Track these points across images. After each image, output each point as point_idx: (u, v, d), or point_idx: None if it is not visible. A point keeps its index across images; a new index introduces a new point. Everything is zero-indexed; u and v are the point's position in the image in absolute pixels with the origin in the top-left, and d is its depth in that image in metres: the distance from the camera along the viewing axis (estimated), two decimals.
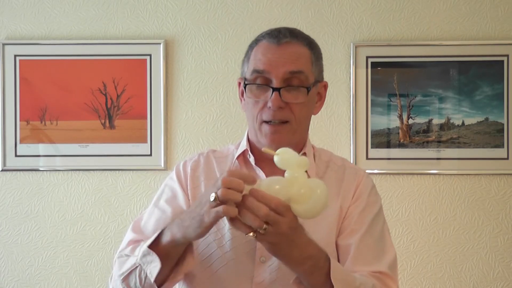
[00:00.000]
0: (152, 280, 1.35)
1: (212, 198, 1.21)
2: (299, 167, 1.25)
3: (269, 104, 1.45)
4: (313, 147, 1.60)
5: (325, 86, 1.58)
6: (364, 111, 2.74)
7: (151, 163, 2.77)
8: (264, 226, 1.20)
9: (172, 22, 2.80)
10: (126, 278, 1.42)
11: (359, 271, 1.44)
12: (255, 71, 1.48)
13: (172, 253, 1.35)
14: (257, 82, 1.47)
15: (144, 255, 1.35)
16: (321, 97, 1.57)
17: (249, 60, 1.52)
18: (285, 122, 1.46)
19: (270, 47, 1.48)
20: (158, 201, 1.55)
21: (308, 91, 1.47)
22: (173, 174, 1.58)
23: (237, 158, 1.55)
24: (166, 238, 1.34)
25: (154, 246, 1.35)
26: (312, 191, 1.23)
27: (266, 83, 1.46)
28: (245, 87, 1.49)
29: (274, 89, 1.44)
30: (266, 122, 1.46)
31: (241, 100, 1.57)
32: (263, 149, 1.29)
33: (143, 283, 1.38)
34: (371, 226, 1.49)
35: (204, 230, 1.27)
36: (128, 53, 2.78)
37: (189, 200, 1.53)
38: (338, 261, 1.48)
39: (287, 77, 1.45)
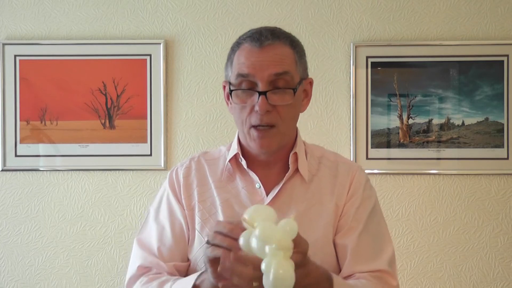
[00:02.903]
0: None
1: (206, 240, 1.26)
2: (282, 247, 1.12)
3: (256, 108, 1.43)
4: (304, 143, 1.59)
5: (311, 83, 1.56)
6: (364, 111, 2.74)
7: (151, 163, 2.77)
8: (254, 284, 1.18)
9: (172, 22, 2.80)
10: None
11: (359, 271, 1.44)
12: (240, 75, 1.46)
13: None
14: (242, 86, 1.45)
15: None
16: (307, 94, 1.55)
17: (233, 64, 1.49)
18: (272, 126, 1.45)
19: (253, 51, 1.46)
20: (157, 216, 1.55)
21: (294, 92, 1.45)
22: (166, 186, 1.57)
23: (229, 160, 1.54)
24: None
25: None
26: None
27: (251, 87, 1.44)
28: (230, 93, 1.48)
29: (260, 93, 1.42)
30: (255, 127, 1.45)
31: (227, 104, 1.55)
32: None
33: None
34: (368, 223, 1.49)
35: (213, 276, 1.26)
36: (128, 53, 2.78)
37: (184, 210, 1.53)
38: (337, 259, 1.48)
39: (272, 79, 1.44)
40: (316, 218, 1.48)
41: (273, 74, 1.43)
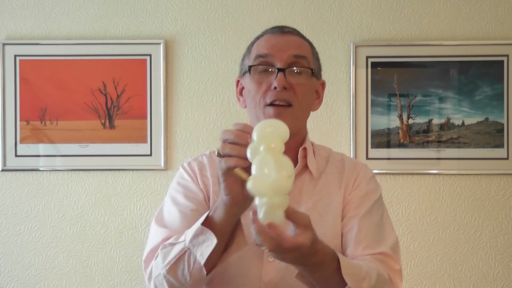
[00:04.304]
0: (203, 262, 1.30)
1: (216, 153, 1.23)
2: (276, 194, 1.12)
3: (274, 84, 1.44)
4: (312, 144, 1.61)
5: (323, 85, 1.59)
6: (364, 111, 2.74)
7: (151, 163, 2.77)
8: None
9: (172, 22, 2.80)
10: (173, 267, 1.34)
11: (361, 255, 1.43)
12: (259, 56, 1.49)
13: (224, 224, 1.30)
14: (260, 67, 1.48)
15: (195, 236, 1.30)
16: (319, 96, 1.58)
17: (251, 52, 1.53)
18: (288, 106, 1.46)
19: (273, 36, 1.52)
20: (175, 200, 1.51)
21: (312, 73, 1.49)
22: (183, 174, 1.55)
23: None
24: (219, 215, 1.29)
25: (205, 224, 1.30)
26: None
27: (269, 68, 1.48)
28: (249, 70, 1.49)
29: (279, 70, 1.45)
30: (270, 104, 1.46)
31: (238, 99, 1.58)
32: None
33: (192, 269, 1.31)
34: (370, 212, 1.49)
35: (226, 193, 1.24)
36: (128, 53, 2.78)
37: (203, 193, 1.50)
38: (342, 247, 1.48)
39: (291, 61, 1.47)
40: (325, 212, 1.49)
41: (292, 56, 1.47)
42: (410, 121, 2.74)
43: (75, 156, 2.77)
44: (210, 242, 1.29)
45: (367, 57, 2.74)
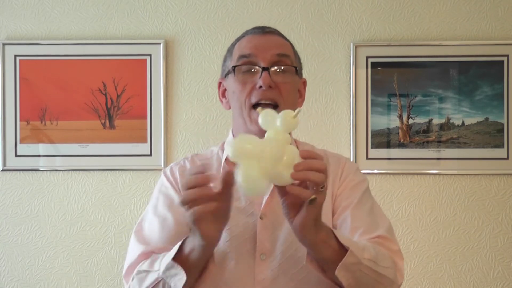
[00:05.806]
0: None
1: (181, 205, 1.18)
2: (283, 127, 1.16)
3: (259, 83, 1.44)
4: (296, 141, 1.61)
5: (304, 83, 1.60)
6: (364, 111, 2.74)
7: (151, 163, 2.77)
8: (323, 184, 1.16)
9: (172, 22, 2.80)
10: None
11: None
12: (242, 56, 1.49)
13: (199, 263, 1.31)
14: (244, 67, 1.48)
15: (167, 269, 1.30)
16: (301, 94, 1.58)
17: (233, 53, 1.52)
18: (274, 107, 1.45)
19: (255, 36, 1.51)
20: (155, 209, 1.52)
21: (296, 71, 1.49)
22: (163, 181, 1.56)
23: (226, 160, 1.52)
24: (195, 255, 1.29)
25: (178, 258, 1.29)
26: (291, 161, 1.14)
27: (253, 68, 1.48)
28: (233, 70, 1.49)
29: (263, 69, 1.45)
30: (255, 108, 1.46)
31: (221, 101, 1.58)
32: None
33: None
34: (361, 200, 1.49)
35: (203, 238, 1.23)
36: (128, 53, 2.78)
37: None
38: None
39: (275, 59, 1.47)
40: None
41: (275, 54, 1.47)
42: (410, 121, 2.74)
43: (75, 156, 2.77)
44: (181, 276, 1.29)
45: (367, 57, 2.74)
